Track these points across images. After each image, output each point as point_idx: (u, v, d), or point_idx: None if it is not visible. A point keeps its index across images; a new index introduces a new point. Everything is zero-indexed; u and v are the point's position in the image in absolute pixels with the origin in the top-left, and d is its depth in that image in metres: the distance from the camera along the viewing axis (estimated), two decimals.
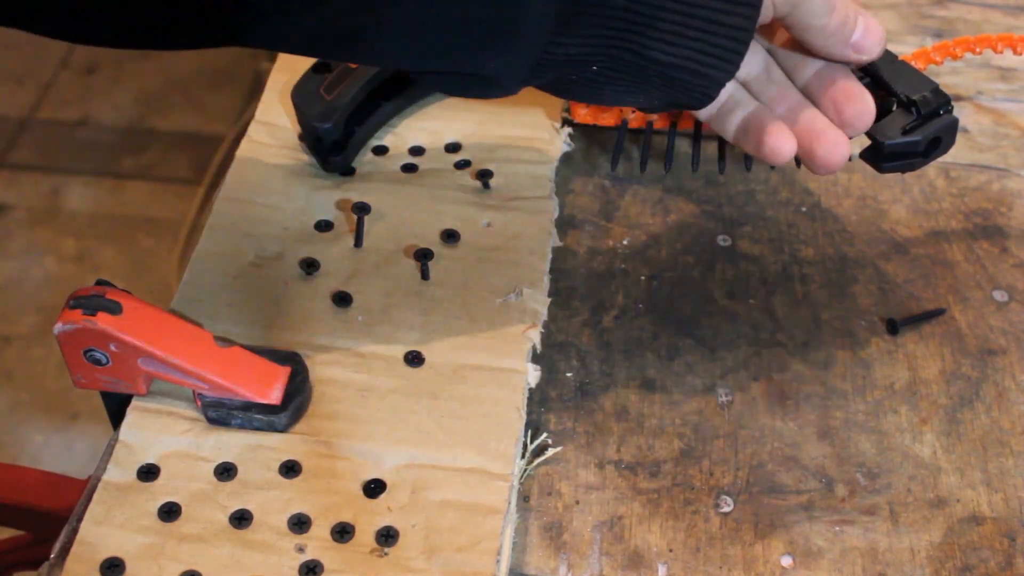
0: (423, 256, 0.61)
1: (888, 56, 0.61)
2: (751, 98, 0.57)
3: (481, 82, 0.52)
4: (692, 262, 0.66)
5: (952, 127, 0.59)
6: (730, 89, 0.56)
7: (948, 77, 0.78)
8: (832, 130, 0.54)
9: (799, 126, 0.55)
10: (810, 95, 0.56)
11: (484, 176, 0.66)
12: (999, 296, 0.64)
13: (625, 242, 0.67)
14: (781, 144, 0.54)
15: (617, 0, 0.48)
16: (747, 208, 0.69)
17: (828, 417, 0.59)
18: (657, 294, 0.64)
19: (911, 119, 0.58)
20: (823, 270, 0.66)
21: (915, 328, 0.63)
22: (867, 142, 0.60)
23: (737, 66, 0.51)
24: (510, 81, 0.52)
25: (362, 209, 0.62)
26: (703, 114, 0.57)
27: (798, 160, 0.60)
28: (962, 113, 0.75)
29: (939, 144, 0.59)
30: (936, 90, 0.59)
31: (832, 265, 0.66)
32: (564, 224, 0.67)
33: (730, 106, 0.56)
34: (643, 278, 0.65)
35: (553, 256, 0.64)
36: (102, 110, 1.96)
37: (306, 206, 0.64)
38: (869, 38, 0.54)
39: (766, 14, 0.51)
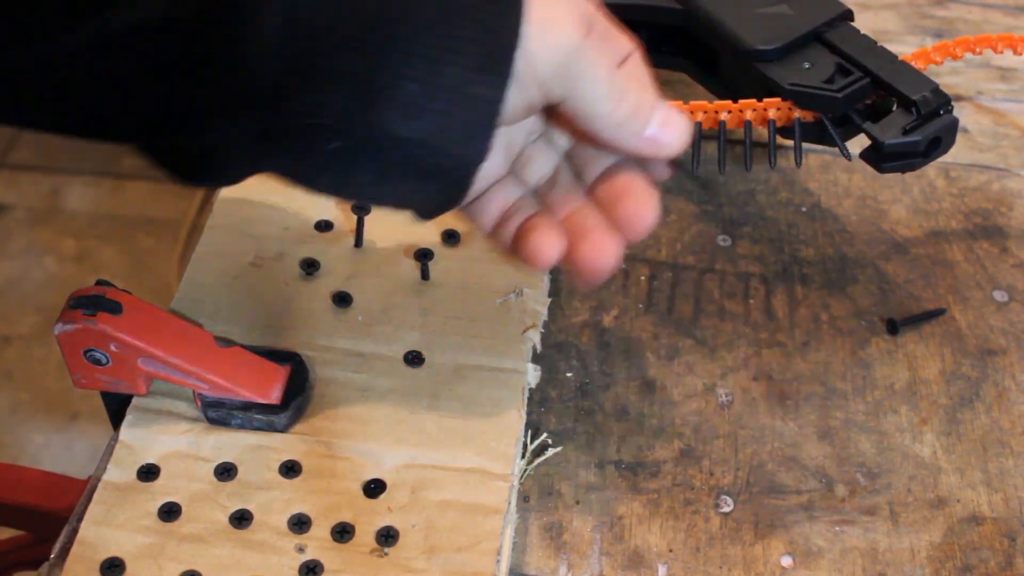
0: (423, 256, 0.61)
1: (888, 56, 0.61)
2: (535, 206, 0.49)
3: (196, 159, 0.44)
4: (692, 262, 0.66)
5: (952, 127, 0.59)
6: (513, 196, 0.49)
7: (948, 77, 0.78)
8: (600, 230, 0.47)
9: (569, 225, 0.48)
10: (595, 195, 0.49)
11: None
12: (999, 296, 0.64)
13: None
14: (541, 243, 0.47)
15: (351, 61, 0.41)
16: (747, 208, 0.69)
17: (828, 417, 0.59)
18: (657, 294, 0.64)
19: (911, 119, 0.58)
20: (823, 270, 0.66)
21: (915, 328, 0.63)
22: (868, 144, 0.60)
23: (488, 143, 0.43)
24: (233, 158, 0.44)
25: (362, 209, 0.62)
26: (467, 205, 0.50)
27: (798, 161, 0.60)
28: (962, 113, 0.75)
29: (939, 144, 0.59)
30: (936, 90, 0.59)
31: (832, 265, 0.66)
32: None
33: (510, 213, 0.49)
34: (643, 278, 0.65)
35: None
36: None
37: (306, 206, 0.64)
38: (668, 131, 0.47)
39: (534, 97, 0.44)
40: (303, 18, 0.40)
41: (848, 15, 0.64)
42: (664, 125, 0.47)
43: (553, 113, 0.47)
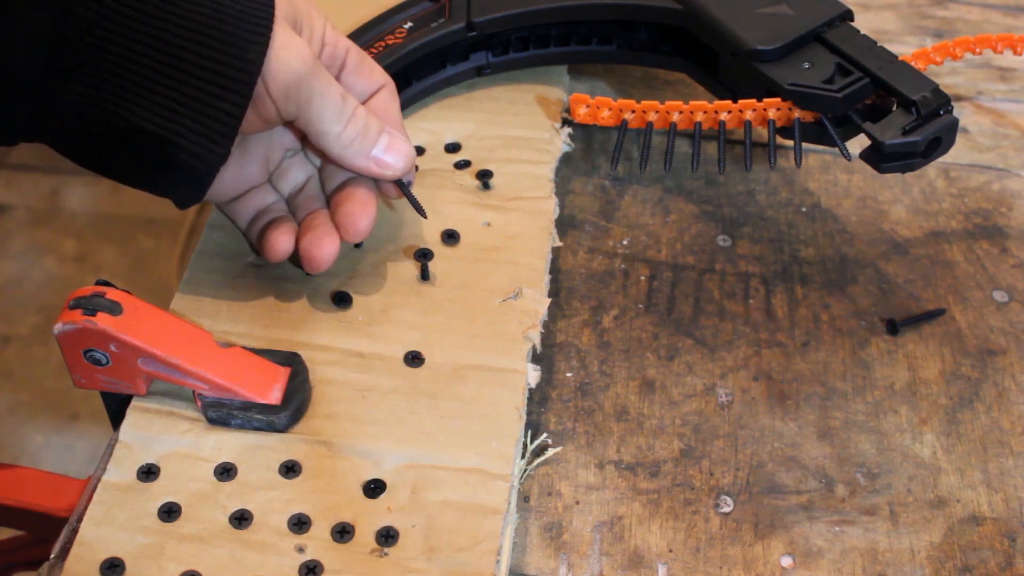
0: (423, 256, 0.61)
1: (888, 56, 0.61)
2: (284, 210, 0.59)
3: None
4: (692, 262, 0.66)
5: (952, 127, 0.59)
6: (267, 200, 0.59)
7: (948, 77, 0.78)
8: (322, 229, 0.56)
9: (303, 225, 0.57)
10: (329, 202, 0.58)
11: (484, 176, 0.66)
12: (999, 296, 0.64)
13: (625, 242, 0.67)
14: (276, 239, 0.57)
15: (109, 58, 0.49)
16: (747, 208, 0.69)
17: (828, 417, 0.59)
18: (657, 294, 0.64)
19: (911, 119, 0.58)
20: (823, 270, 0.66)
21: (915, 328, 0.63)
22: (868, 144, 0.60)
23: (227, 149, 0.51)
24: (8, 125, 0.51)
25: None
26: (219, 201, 0.60)
27: (798, 161, 0.60)
28: (962, 113, 0.75)
29: (939, 144, 0.59)
30: (936, 90, 0.59)
31: (832, 265, 0.66)
32: (564, 224, 0.67)
33: (261, 214, 0.59)
34: (643, 278, 0.65)
35: (553, 256, 0.64)
36: None
37: None
38: (392, 154, 0.56)
39: (268, 112, 0.52)
40: (72, 24, 0.48)
41: (848, 15, 0.64)
42: (388, 149, 0.56)
43: (303, 132, 0.55)
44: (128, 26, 0.49)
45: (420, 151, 0.68)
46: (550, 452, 0.56)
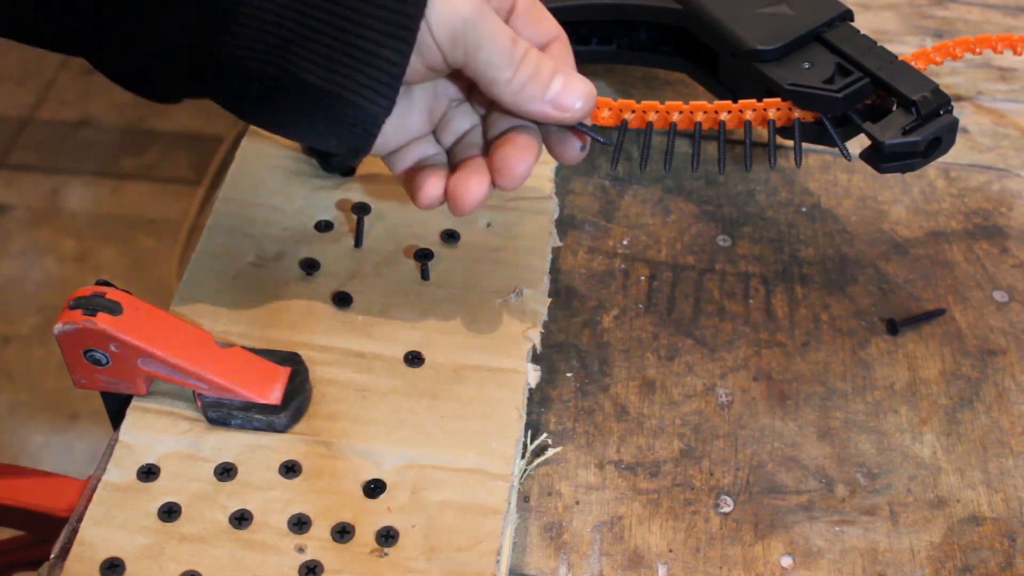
0: (423, 256, 0.61)
1: (888, 56, 0.61)
2: (443, 160, 0.55)
3: (134, 74, 0.50)
4: (692, 262, 0.66)
5: (952, 127, 0.58)
6: (428, 152, 0.55)
7: (948, 77, 0.78)
8: (471, 170, 0.53)
9: (455, 169, 0.54)
10: (488, 147, 0.54)
11: None
12: (999, 296, 0.64)
13: (625, 242, 0.67)
14: (425, 184, 0.53)
15: (269, 16, 0.47)
16: (747, 208, 0.69)
17: (828, 417, 0.59)
18: (657, 294, 0.64)
19: (911, 119, 0.58)
20: (823, 270, 0.66)
21: (915, 328, 0.63)
22: (868, 144, 0.60)
23: (392, 100, 0.49)
24: (167, 81, 0.50)
25: (362, 209, 0.62)
26: (381, 153, 0.56)
27: (798, 161, 0.60)
28: (962, 113, 0.75)
29: (939, 144, 0.59)
30: (936, 90, 0.59)
31: (832, 265, 0.66)
32: (564, 224, 0.67)
33: (420, 165, 0.55)
34: (643, 278, 0.65)
35: (553, 256, 0.64)
36: (102, 110, 1.96)
37: (306, 206, 0.64)
38: (569, 94, 0.51)
39: (434, 60, 0.49)
40: None
41: (848, 15, 0.64)
42: (565, 88, 0.51)
43: (470, 81, 0.52)
44: None
45: None
46: (550, 452, 0.56)
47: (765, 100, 0.61)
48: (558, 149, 0.54)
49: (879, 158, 0.59)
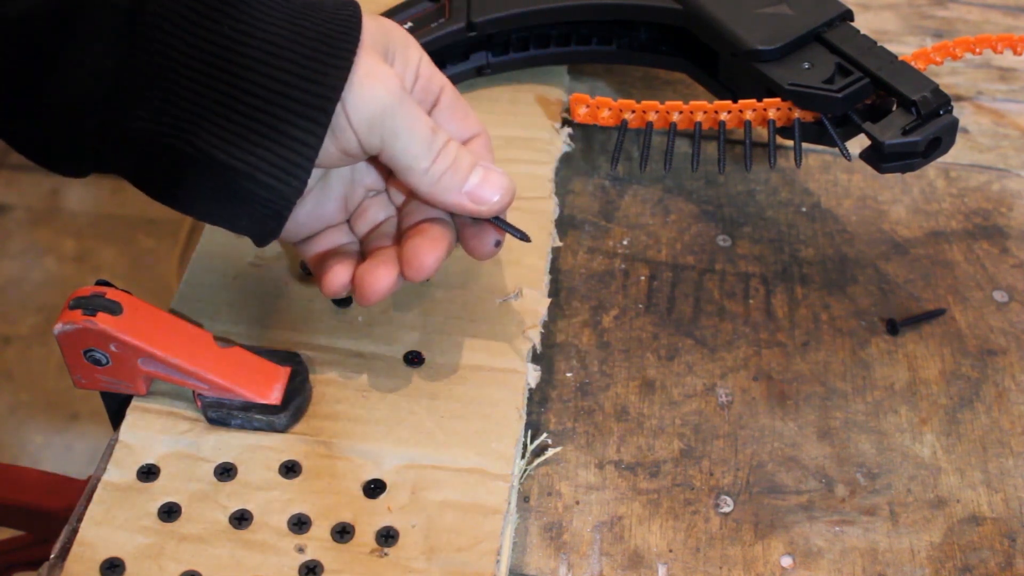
0: None
1: (888, 56, 0.61)
2: (355, 251, 0.55)
3: (42, 148, 0.49)
4: (692, 262, 0.66)
5: (952, 127, 0.58)
6: (341, 240, 0.55)
7: (948, 77, 0.78)
8: (384, 258, 0.52)
9: (365, 259, 0.53)
10: (401, 237, 0.53)
11: None
12: (999, 296, 0.64)
13: (625, 242, 0.67)
14: (334, 273, 0.52)
15: (183, 84, 0.45)
16: (747, 208, 0.69)
17: (828, 417, 0.59)
18: (657, 294, 0.64)
19: (911, 119, 0.58)
20: (823, 270, 0.66)
21: (915, 328, 0.63)
22: (867, 144, 0.60)
23: (303, 181, 0.47)
24: (76, 153, 0.48)
25: None
26: (293, 240, 0.55)
27: (798, 161, 0.60)
28: (962, 113, 0.75)
29: (939, 144, 0.59)
30: (936, 90, 0.59)
31: (832, 265, 0.66)
32: (564, 224, 0.67)
33: (331, 253, 0.54)
34: (643, 278, 0.65)
35: (553, 256, 0.64)
36: None
37: None
38: (487, 188, 0.51)
39: (350, 144, 0.48)
40: (138, 45, 0.45)
41: (848, 15, 0.64)
42: (484, 181, 0.51)
43: (388, 169, 0.51)
44: (199, 48, 0.45)
45: None
46: (550, 452, 0.56)
47: (765, 100, 0.61)
48: (472, 243, 0.53)
49: (879, 158, 0.59)
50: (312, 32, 0.47)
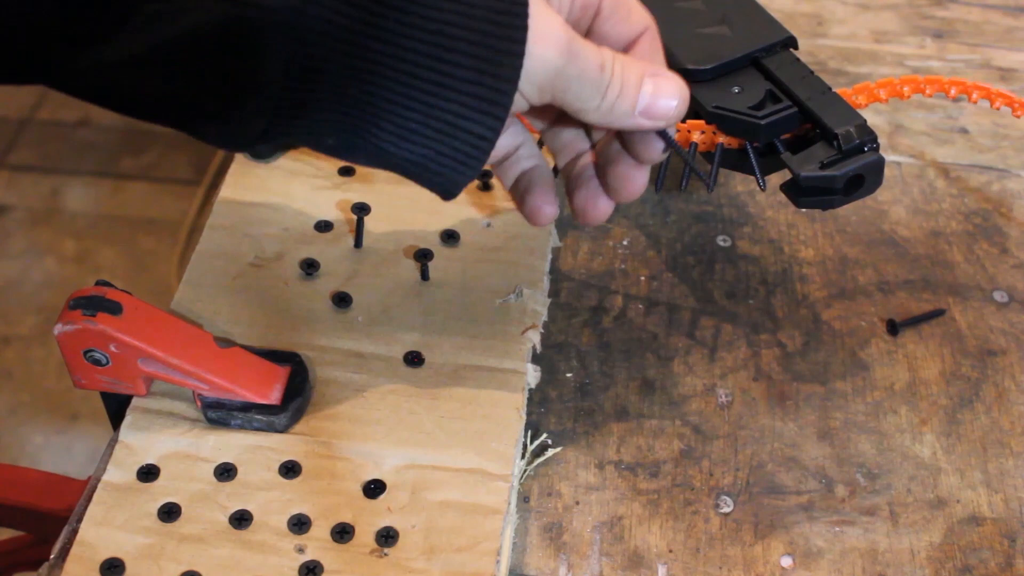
0: (423, 256, 0.61)
1: (821, 86, 0.57)
2: (534, 154, 0.54)
3: (223, 137, 0.48)
4: (692, 262, 0.66)
5: (877, 166, 0.54)
6: (517, 141, 0.54)
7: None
8: (596, 186, 0.53)
9: (569, 177, 0.54)
10: (597, 157, 0.53)
11: (484, 176, 0.66)
12: (999, 296, 0.64)
13: (625, 242, 0.67)
14: (541, 209, 0.53)
15: (351, 90, 0.44)
16: (747, 208, 0.69)
17: (828, 417, 0.59)
18: (657, 294, 0.64)
19: (831, 153, 0.54)
20: (823, 270, 0.66)
21: (915, 328, 0.63)
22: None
23: (477, 170, 0.47)
24: (255, 142, 0.47)
25: (362, 209, 0.62)
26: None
27: (709, 186, 0.57)
28: (962, 113, 0.75)
29: (862, 183, 0.55)
30: (862, 125, 0.55)
31: (832, 265, 0.66)
32: (564, 224, 0.67)
33: (513, 159, 0.54)
34: (643, 278, 0.65)
35: (553, 256, 0.64)
36: (102, 110, 1.96)
37: (306, 206, 0.64)
38: (660, 100, 0.49)
39: (519, 107, 0.47)
40: (311, 53, 0.44)
41: (791, 42, 0.60)
42: (655, 95, 0.49)
43: None
44: (366, 47, 0.44)
45: None
46: (550, 452, 0.56)
47: (689, 121, 0.57)
48: (639, 148, 0.51)
49: (797, 191, 0.55)
50: (481, 9, 0.44)
